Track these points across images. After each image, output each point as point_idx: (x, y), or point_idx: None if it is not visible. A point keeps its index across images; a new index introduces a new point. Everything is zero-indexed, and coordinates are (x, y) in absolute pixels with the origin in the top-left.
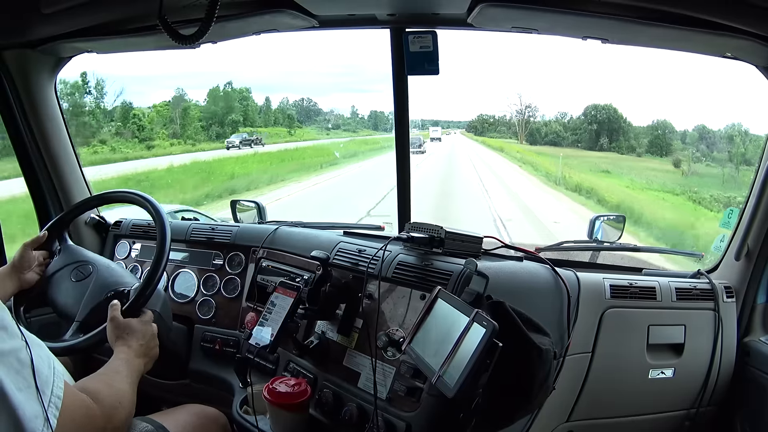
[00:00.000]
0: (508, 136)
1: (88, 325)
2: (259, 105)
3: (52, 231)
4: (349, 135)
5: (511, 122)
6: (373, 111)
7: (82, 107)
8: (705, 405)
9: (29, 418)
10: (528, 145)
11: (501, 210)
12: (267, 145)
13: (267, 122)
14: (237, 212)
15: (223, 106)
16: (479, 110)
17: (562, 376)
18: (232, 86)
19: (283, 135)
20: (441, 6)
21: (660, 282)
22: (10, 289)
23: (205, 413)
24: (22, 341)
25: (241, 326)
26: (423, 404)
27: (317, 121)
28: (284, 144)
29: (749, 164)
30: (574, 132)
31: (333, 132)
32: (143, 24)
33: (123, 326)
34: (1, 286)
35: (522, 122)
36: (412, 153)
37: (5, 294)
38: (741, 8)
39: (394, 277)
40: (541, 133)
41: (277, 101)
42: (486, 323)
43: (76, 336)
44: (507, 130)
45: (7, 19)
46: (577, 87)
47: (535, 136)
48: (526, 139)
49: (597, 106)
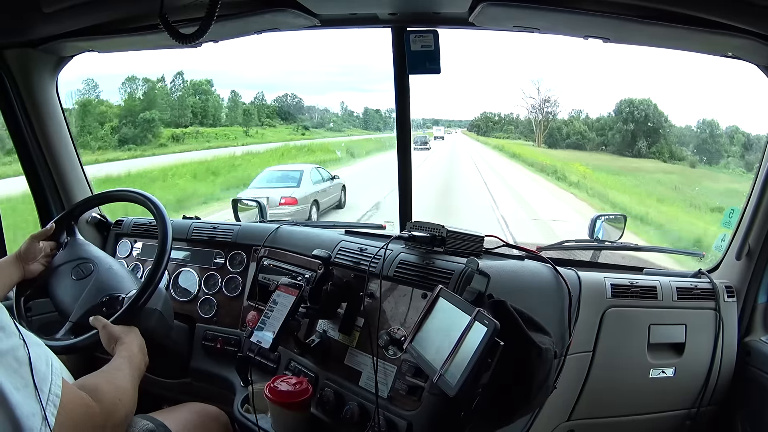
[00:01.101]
0: (516, 136)
1: (81, 326)
2: (250, 102)
3: (61, 223)
4: (332, 135)
5: (519, 120)
6: (367, 108)
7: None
8: (706, 404)
9: (26, 417)
10: (546, 149)
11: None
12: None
13: (233, 120)
14: (238, 211)
15: (142, 102)
16: (483, 108)
17: (563, 376)
18: (183, 78)
19: (235, 137)
20: (442, 5)
21: (661, 281)
22: (15, 277)
23: (207, 412)
24: (20, 339)
25: (243, 325)
26: (424, 403)
27: (300, 119)
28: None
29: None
30: (600, 132)
31: (314, 132)
32: (144, 23)
33: (117, 332)
34: (6, 275)
35: (540, 120)
36: (418, 150)
37: (9, 283)
38: (741, 7)
39: (395, 275)
40: (562, 133)
41: (272, 98)
42: (487, 322)
43: (67, 337)
44: (515, 129)
45: (8, 19)
46: (596, 81)
47: (555, 137)
48: (545, 141)
49: (632, 101)
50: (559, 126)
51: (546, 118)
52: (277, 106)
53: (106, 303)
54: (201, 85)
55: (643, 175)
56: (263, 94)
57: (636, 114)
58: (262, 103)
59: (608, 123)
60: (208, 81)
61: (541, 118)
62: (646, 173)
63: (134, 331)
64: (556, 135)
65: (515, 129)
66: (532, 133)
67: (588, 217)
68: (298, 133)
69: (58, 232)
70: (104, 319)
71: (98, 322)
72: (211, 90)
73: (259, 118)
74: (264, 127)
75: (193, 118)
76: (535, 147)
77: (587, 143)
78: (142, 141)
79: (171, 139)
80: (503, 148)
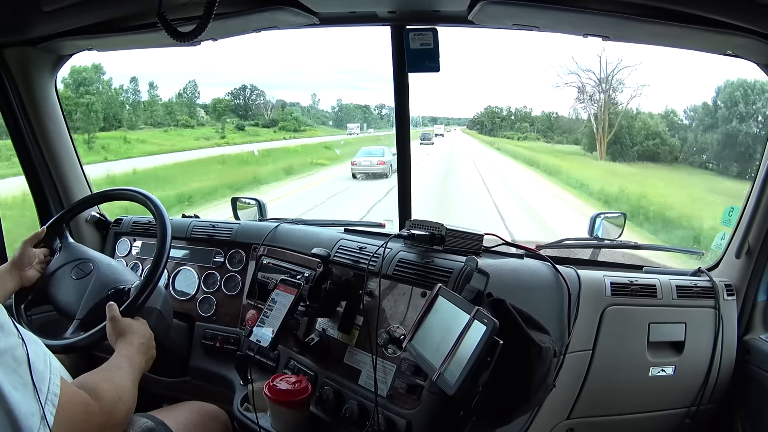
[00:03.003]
0: (535, 137)
1: (89, 323)
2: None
3: (52, 228)
4: (281, 136)
5: (535, 117)
6: (340, 102)
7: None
8: (705, 403)
9: (25, 416)
10: (610, 162)
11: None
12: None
13: (145, 120)
14: (237, 210)
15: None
16: (487, 102)
17: (563, 374)
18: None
19: (111, 148)
20: (441, 3)
21: (661, 279)
22: (11, 286)
23: (206, 410)
24: (19, 339)
25: (242, 324)
26: (423, 402)
27: (251, 117)
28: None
29: None
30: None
31: (259, 132)
32: (143, 21)
33: (123, 325)
34: (2, 283)
35: (603, 112)
36: (423, 144)
37: (6, 292)
38: (742, 6)
39: (394, 274)
40: (632, 134)
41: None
42: (487, 321)
43: (76, 334)
44: (530, 127)
45: (8, 17)
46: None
47: (624, 141)
48: (608, 151)
49: (744, 82)
50: (629, 124)
51: (611, 107)
52: (231, 100)
53: (112, 296)
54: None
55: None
56: (190, 85)
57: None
58: (192, 101)
59: (705, 119)
60: (96, 66)
61: (603, 108)
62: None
63: (141, 326)
64: (626, 138)
65: (530, 127)
66: (551, 132)
67: None
68: (220, 135)
69: (50, 238)
70: (117, 308)
71: (112, 310)
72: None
73: (190, 115)
74: (180, 127)
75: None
76: (587, 156)
77: (667, 153)
78: None
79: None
80: (535, 162)
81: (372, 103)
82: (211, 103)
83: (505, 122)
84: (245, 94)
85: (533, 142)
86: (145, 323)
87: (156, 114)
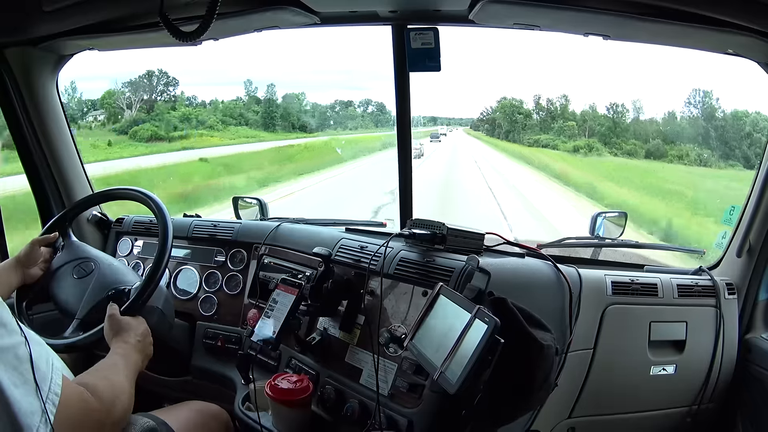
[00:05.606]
0: (586, 149)
1: (89, 323)
2: None
3: (55, 227)
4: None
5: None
6: (290, 94)
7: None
8: (706, 402)
9: (25, 414)
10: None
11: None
12: None
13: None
14: (239, 209)
15: None
16: (502, 93)
17: (564, 373)
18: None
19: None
20: (442, 2)
21: (662, 279)
22: (14, 283)
23: (208, 410)
24: (22, 337)
25: (243, 323)
26: (425, 400)
27: (158, 116)
28: None
29: None
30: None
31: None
32: (145, 21)
33: (120, 323)
34: (5, 280)
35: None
36: (432, 142)
37: (10, 287)
38: (742, 5)
39: (396, 273)
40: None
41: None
42: (488, 319)
43: (76, 333)
44: (578, 128)
45: (9, 17)
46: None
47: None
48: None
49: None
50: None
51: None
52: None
53: (113, 296)
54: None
55: None
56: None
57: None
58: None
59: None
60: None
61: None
62: None
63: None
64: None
65: (579, 128)
66: (613, 136)
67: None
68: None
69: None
70: (117, 308)
71: (111, 308)
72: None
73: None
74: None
75: None
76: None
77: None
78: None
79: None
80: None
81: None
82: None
83: (530, 120)
84: (150, 81)
85: (625, 160)
86: (142, 321)
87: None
